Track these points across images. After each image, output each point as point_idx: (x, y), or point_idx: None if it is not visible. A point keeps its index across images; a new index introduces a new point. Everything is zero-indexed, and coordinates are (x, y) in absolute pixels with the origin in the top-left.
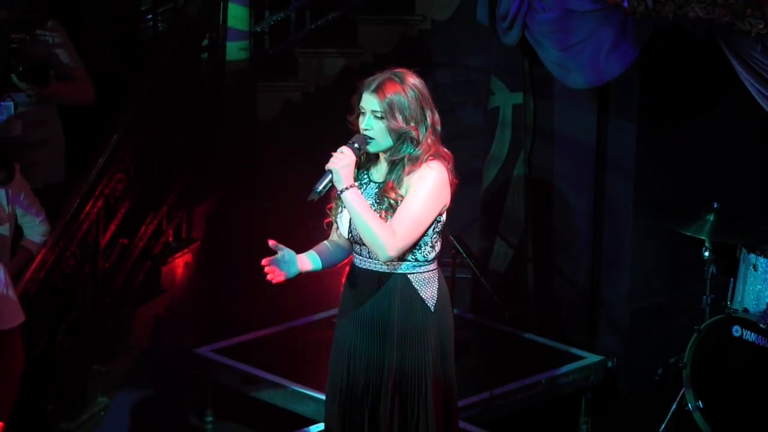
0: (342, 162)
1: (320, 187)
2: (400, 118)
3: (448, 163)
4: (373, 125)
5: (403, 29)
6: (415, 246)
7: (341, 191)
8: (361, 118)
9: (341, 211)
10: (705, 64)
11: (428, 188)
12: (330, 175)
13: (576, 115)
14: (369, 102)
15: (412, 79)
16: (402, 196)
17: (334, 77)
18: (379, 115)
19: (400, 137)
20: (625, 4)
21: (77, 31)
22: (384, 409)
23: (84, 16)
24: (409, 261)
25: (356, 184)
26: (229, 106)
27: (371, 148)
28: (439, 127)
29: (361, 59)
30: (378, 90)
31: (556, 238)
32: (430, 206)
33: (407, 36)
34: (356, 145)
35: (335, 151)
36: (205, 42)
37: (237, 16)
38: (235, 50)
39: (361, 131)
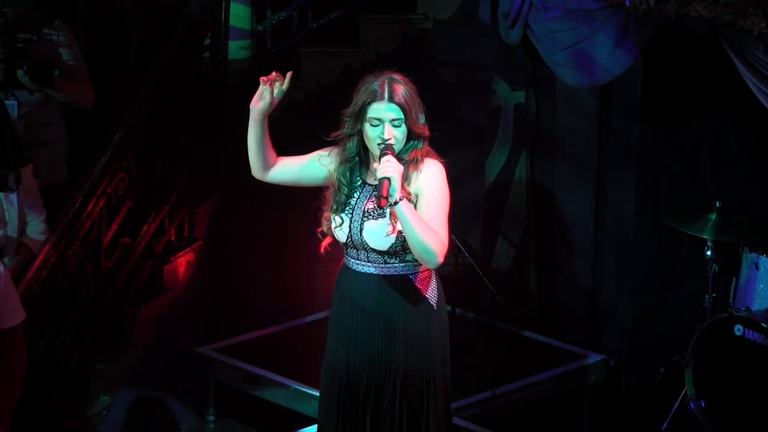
0: (398, 169)
1: (389, 192)
2: (414, 116)
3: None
4: (392, 133)
5: (405, 28)
6: None
7: (395, 202)
8: (372, 130)
9: (340, 225)
10: (707, 62)
11: (442, 186)
12: (386, 182)
13: (578, 114)
14: (388, 112)
15: (406, 80)
16: (413, 194)
17: (336, 76)
18: (397, 123)
19: (411, 136)
20: (627, 2)
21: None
22: (390, 410)
23: None
24: (410, 262)
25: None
26: (231, 105)
27: None
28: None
29: (363, 58)
30: (395, 97)
31: (559, 237)
32: (448, 203)
33: (409, 35)
34: (392, 154)
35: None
36: (207, 41)
37: (239, 15)
38: (237, 49)
39: (375, 139)
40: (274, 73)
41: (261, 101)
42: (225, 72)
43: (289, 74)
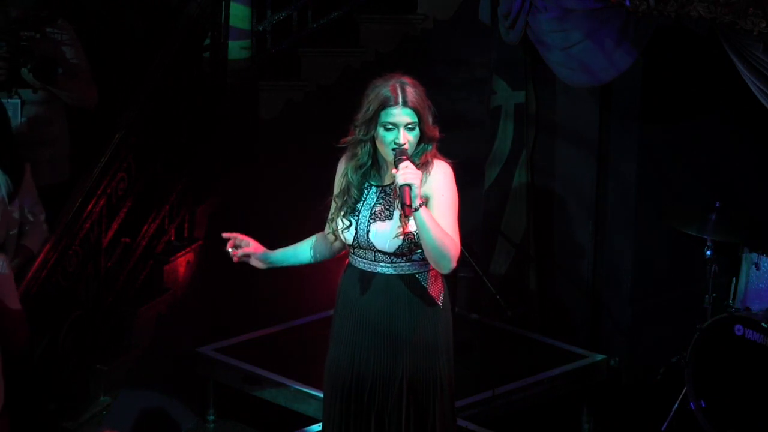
0: (417, 175)
1: (410, 199)
2: (427, 119)
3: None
4: (407, 137)
5: (405, 28)
6: None
7: (416, 209)
8: (386, 135)
9: (347, 227)
10: (707, 62)
11: (451, 188)
12: (407, 189)
13: (578, 114)
14: (404, 116)
15: (414, 83)
16: (422, 197)
17: (336, 76)
18: (411, 126)
19: (422, 139)
20: (627, 3)
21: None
22: (397, 411)
23: None
24: (416, 261)
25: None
26: (231, 106)
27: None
28: None
29: (363, 58)
30: (409, 102)
31: (559, 237)
32: (457, 205)
33: (409, 35)
34: (408, 159)
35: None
36: (207, 41)
37: (239, 15)
38: (236, 49)
39: (389, 144)
40: (226, 246)
41: (251, 262)
42: (225, 72)
43: (224, 236)
